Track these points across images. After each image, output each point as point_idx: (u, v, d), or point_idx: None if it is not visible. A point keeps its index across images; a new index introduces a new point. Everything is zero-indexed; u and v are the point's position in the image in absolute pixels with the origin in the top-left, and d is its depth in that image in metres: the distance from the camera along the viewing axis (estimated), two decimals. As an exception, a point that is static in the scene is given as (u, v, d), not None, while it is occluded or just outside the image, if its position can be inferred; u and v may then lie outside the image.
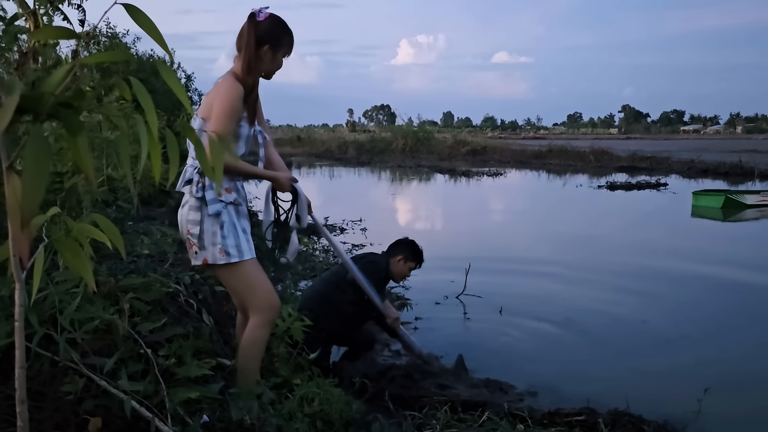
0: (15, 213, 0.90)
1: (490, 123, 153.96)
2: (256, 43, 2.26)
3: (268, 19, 2.28)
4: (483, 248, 7.87)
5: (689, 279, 6.32)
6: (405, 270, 3.86)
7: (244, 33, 2.28)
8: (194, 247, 2.28)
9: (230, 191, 2.31)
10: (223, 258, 2.26)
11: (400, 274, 3.87)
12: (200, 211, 2.25)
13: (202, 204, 2.25)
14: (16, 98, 0.86)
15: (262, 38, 2.27)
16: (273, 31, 2.29)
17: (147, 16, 0.90)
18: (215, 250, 2.25)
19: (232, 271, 2.31)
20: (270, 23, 2.28)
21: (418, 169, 23.90)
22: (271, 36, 2.28)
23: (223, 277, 2.38)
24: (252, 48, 2.25)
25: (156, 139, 1.01)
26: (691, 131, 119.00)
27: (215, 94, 2.25)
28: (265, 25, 2.27)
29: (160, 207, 5.68)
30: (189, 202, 2.28)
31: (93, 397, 1.76)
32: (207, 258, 2.28)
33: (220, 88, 2.25)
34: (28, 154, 0.86)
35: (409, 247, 3.89)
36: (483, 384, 3.51)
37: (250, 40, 2.25)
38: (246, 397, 2.09)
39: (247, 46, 2.26)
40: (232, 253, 2.26)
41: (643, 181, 17.17)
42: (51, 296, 1.85)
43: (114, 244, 1.18)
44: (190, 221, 2.26)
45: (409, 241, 3.95)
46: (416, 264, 3.89)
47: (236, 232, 2.29)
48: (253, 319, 2.36)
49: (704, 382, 3.34)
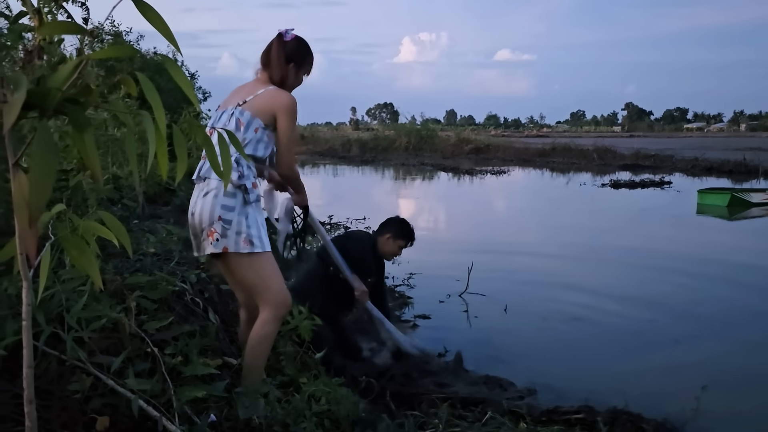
0: (22, 210, 0.89)
1: (493, 121, 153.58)
2: (285, 61, 2.49)
3: (294, 40, 2.53)
4: (488, 247, 7.85)
5: (696, 277, 6.30)
6: (394, 248, 3.83)
7: (273, 51, 2.50)
8: (215, 234, 2.29)
9: (255, 186, 2.39)
10: (247, 247, 2.29)
11: (389, 252, 3.84)
12: (236, 198, 2.29)
13: (240, 191, 2.30)
14: (23, 94, 0.85)
15: (288, 57, 2.50)
16: (298, 51, 2.54)
17: (157, 12, 0.89)
18: (239, 238, 2.28)
19: (251, 262, 2.33)
20: (296, 43, 2.53)
21: (422, 167, 23.87)
22: (296, 55, 2.53)
23: (240, 268, 2.38)
24: (283, 64, 2.48)
25: (163, 136, 1.00)
26: (694, 129, 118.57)
27: (278, 105, 2.42)
28: (291, 44, 2.51)
29: (165, 205, 5.68)
30: (219, 189, 2.30)
31: (100, 395, 1.75)
32: (228, 246, 2.29)
33: (289, 104, 2.44)
34: (35, 151, 0.85)
35: (398, 225, 3.86)
36: (482, 381, 3.51)
37: (280, 58, 2.48)
38: (253, 396, 2.08)
39: (278, 63, 2.49)
40: (256, 243, 2.30)
41: (647, 180, 17.12)
42: (58, 294, 1.84)
43: (121, 241, 1.17)
44: (224, 207, 2.28)
45: (398, 219, 3.92)
46: (406, 242, 3.86)
47: (259, 224, 2.34)
48: (264, 314, 2.37)
49: (704, 380, 3.34)
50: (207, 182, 2.36)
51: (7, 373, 1.73)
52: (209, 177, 2.37)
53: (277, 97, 2.44)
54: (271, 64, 2.49)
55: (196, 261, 3.29)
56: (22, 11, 3.91)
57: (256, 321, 2.40)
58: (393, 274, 5.91)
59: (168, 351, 2.10)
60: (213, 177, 2.36)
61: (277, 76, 2.48)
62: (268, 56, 2.51)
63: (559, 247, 8.12)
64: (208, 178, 2.38)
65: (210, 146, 1.11)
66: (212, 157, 1.15)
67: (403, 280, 5.78)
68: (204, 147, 1.11)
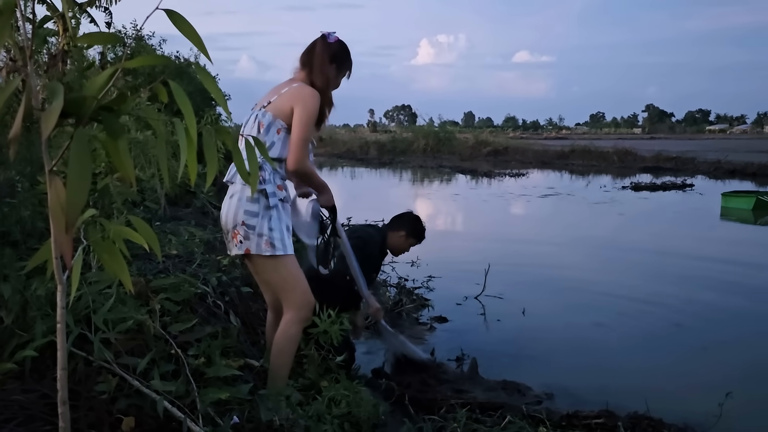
0: (58, 215, 0.91)
1: (512, 123, 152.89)
2: (329, 61, 2.52)
3: (337, 43, 2.56)
4: (507, 249, 7.81)
5: (723, 282, 6.18)
6: (405, 245, 3.77)
7: (316, 51, 2.52)
8: (238, 236, 2.34)
9: (281, 188, 2.41)
10: (268, 250, 2.32)
11: (399, 248, 3.78)
12: (258, 202, 2.33)
13: (261, 195, 2.33)
14: (61, 103, 0.87)
15: (332, 57, 2.53)
16: (341, 53, 2.57)
17: (188, 22, 0.90)
18: (261, 241, 2.32)
19: (274, 264, 2.37)
20: (339, 46, 2.56)
21: (440, 169, 23.83)
22: (339, 57, 2.56)
23: (264, 270, 2.43)
24: (327, 65, 2.51)
25: (194, 142, 1.01)
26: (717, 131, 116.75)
27: (295, 99, 2.41)
28: (335, 47, 2.55)
29: (186, 207, 5.74)
30: (243, 193, 2.35)
31: (126, 396, 1.77)
32: (251, 248, 2.33)
33: (304, 95, 2.42)
34: (72, 159, 0.87)
35: (412, 223, 3.78)
36: (500, 386, 3.48)
37: (324, 58, 2.51)
38: (275, 399, 2.10)
39: (322, 63, 2.51)
40: (278, 246, 2.33)
41: (668, 182, 16.93)
42: (85, 296, 1.87)
43: (150, 245, 1.19)
44: (247, 212, 2.33)
45: (413, 216, 3.84)
46: (418, 240, 3.80)
47: (281, 227, 2.36)
48: (288, 315, 2.40)
49: (728, 387, 3.28)
50: (233, 186, 2.42)
51: (36, 373, 1.76)
52: (234, 181, 2.42)
53: (297, 91, 2.44)
54: (314, 63, 2.50)
55: (217, 263, 3.32)
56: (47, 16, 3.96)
57: (281, 322, 2.42)
58: (413, 277, 5.91)
59: (191, 352, 2.13)
60: (237, 180, 2.40)
61: (319, 76, 2.50)
62: (309, 56, 2.53)
63: (580, 250, 8.05)
64: (233, 182, 2.43)
65: (237, 152, 1.13)
66: (239, 164, 1.16)
67: (422, 282, 5.78)
68: (232, 153, 1.13)
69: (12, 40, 1.50)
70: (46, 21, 5.65)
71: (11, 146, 0.88)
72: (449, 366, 3.79)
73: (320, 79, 2.49)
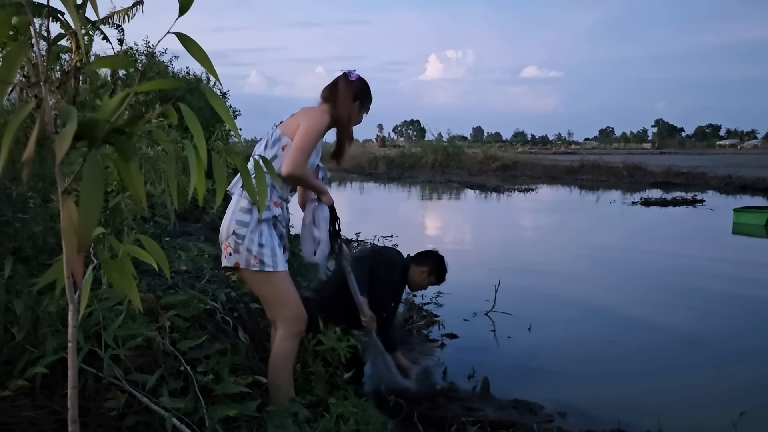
0: (70, 236, 0.93)
1: (521, 138, 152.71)
2: (353, 99, 2.59)
3: (359, 80, 2.64)
4: (516, 265, 7.79)
5: (738, 300, 6.12)
6: (424, 283, 3.76)
7: (339, 88, 2.58)
8: (229, 248, 2.38)
9: (277, 206, 2.45)
10: (257, 265, 2.35)
11: (418, 284, 3.76)
12: (250, 214, 2.37)
13: (254, 208, 2.37)
14: (74, 126, 0.89)
15: (355, 95, 2.60)
16: (363, 90, 2.65)
17: (199, 46, 0.92)
18: (250, 257, 2.35)
19: (264, 279, 2.40)
20: (361, 84, 2.64)
21: (449, 184, 23.83)
22: (361, 95, 2.64)
23: (254, 284, 2.47)
24: (350, 102, 2.58)
25: (204, 163, 1.03)
26: (727, 146, 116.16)
27: (304, 116, 2.48)
28: (357, 84, 2.63)
29: (196, 222, 5.77)
30: (241, 204, 2.39)
31: (135, 413, 1.78)
32: (240, 262, 2.37)
33: (312, 113, 2.50)
34: (84, 181, 0.89)
35: (437, 263, 3.77)
36: (511, 405, 3.47)
37: (348, 96, 2.58)
38: (282, 416, 2.10)
39: (345, 100, 2.58)
40: (268, 263, 2.35)
41: (678, 197, 16.82)
42: (95, 313, 1.89)
43: (159, 263, 1.20)
44: (238, 222, 2.37)
45: (438, 255, 3.82)
46: (438, 281, 3.79)
47: (273, 244, 2.39)
48: (281, 331, 2.43)
49: (743, 407, 3.24)
50: (233, 197, 2.47)
51: (46, 390, 1.77)
52: (234, 192, 2.47)
53: (306, 110, 2.52)
54: (339, 100, 2.57)
55: (226, 279, 3.34)
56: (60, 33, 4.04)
57: (275, 337, 2.43)
58: (422, 293, 5.89)
59: (200, 369, 2.13)
60: (236, 192, 2.45)
61: (342, 111, 2.56)
62: (332, 92, 2.60)
63: (591, 267, 8.02)
64: (234, 193, 2.48)
65: (246, 172, 1.15)
66: (247, 182, 1.18)
67: (431, 298, 5.76)
68: (240, 172, 1.15)
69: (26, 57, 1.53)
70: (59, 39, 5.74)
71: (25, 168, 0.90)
72: (460, 385, 3.77)
73: (343, 115, 2.57)
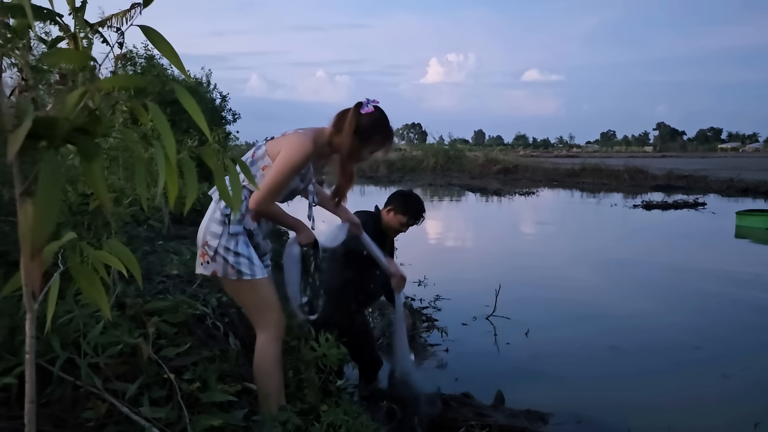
0: (27, 241, 0.87)
1: (522, 141, 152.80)
2: (354, 131, 2.40)
3: (368, 116, 2.43)
4: (516, 269, 7.73)
5: (744, 305, 6.06)
6: (394, 222, 3.52)
7: (347, 118, 2.42)
8: (206, 256, 2.32)
9: (254, 219, 2.38)
10: (234, 274, 2.29)
11: (391, 227, 3.54)
12: (223, 226, 2.30)
13: (227, 220, 2.30)
14: (29, 123, 0.83)
15: (357, 129, 2.40)
16: (370, 127, 2.43)
17: (164, 39, 0.87)
18: (227, 266, 2.29)
19: (243, 288, 2.35)
20: (369, 119, 2.43)
21: (450, 187, 23.80)
22: (365, 131, 2.42)
23: (233, 292, 2.42)
24: (351, 134, 2.40)
25: (173, 165, 0.97)
26: (729, 149, 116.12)
27: (287, 143, 2.36)
28: (364, 120, 2.42)
29: (192, 225, 5.71)
30: (215, 214, 2.33)
31: (115, 423, 1.72)
32: (217, 271, 2.31)
33: (294, 143, 2.34)
34: (41, 181, 0.83)
35: (401, 197, 3.56)
36: (522, 414, 3.42)
37: (351, 127, 2.40)
38: (270, 424, 2.04)
39: (348, 131, 2.40)
40: (245, 272, 2.29)
41: (680, 200, 16.78)
42: (76, 319, 1.83)
43: (131, 270, 1.15)
44: (210, 232, 2.31)
45: (403, 192, 3.65)
46: (408, 218, 3.52)
47: (250, 252, 2.33)
48: (260, 337, 2.38)
49: (755, 417, 3.17)
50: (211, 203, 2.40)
51: (22, 399, 1.71)
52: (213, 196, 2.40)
53: (291, 137, 2.39)
54: (342, 131, 2.42)
55: (218, 284, 3.28)
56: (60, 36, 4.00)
57: (256, 346, 2.37)
58: (420, 296, 5.85)
59: (186, 377, 2.07)
60: (214, 198, 2.39)
61: (342, 144, 2.43)
62: (340, 120, 2.45)
63: (592, 270, 7.96)
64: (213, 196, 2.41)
65: (219, 174, 1.09)
66: (221, 186, 1.13)
67: (430, 302, 5.71)
68: (214, 174, 1.09)
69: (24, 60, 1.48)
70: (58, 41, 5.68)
71: None
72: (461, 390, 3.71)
73: (341, 148, 2.44)
